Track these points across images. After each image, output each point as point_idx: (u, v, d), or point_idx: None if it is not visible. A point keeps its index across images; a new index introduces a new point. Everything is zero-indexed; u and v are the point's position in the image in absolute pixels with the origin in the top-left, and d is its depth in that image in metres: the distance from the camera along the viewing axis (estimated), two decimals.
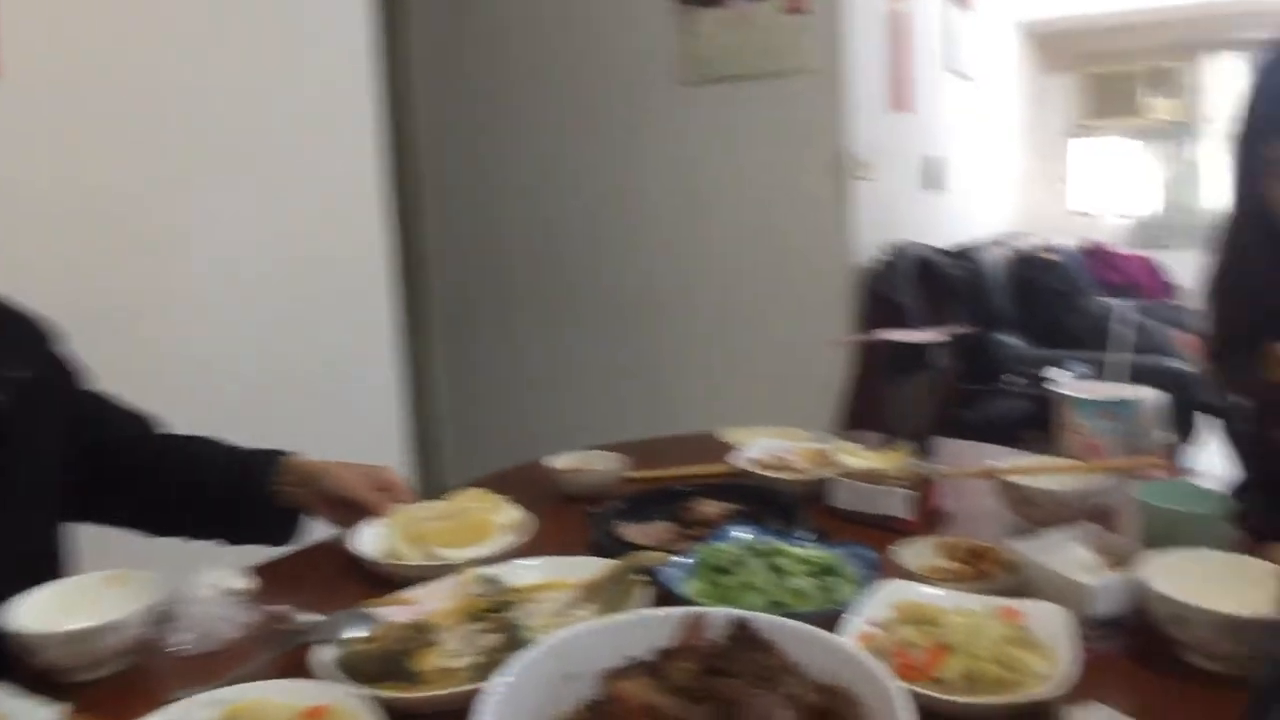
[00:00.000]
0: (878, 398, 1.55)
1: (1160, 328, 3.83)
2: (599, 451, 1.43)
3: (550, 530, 1.17)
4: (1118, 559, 0.95)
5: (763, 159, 2.96)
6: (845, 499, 1.20)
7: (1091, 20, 6.04)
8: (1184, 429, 3.51)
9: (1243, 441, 1.30)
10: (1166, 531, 0.99)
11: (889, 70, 3.30)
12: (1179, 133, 6.34)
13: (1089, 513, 1.10)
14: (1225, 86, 6.11)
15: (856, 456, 1.28)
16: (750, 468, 1.35)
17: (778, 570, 0.93)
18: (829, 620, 0.78)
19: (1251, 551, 0.93)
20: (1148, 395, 1.33)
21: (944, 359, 1.46)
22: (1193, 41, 6.27)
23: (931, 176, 3.82)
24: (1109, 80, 6.70)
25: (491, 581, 0.94)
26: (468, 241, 3.54)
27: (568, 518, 1.24)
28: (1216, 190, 5.98)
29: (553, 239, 3.35)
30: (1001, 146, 5.53)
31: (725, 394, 3.04)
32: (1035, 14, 5.79)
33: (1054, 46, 6.71)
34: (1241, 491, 1.19)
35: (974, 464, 1.28)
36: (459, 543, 1.09)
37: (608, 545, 1.09)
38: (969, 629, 0.81)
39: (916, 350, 1.47)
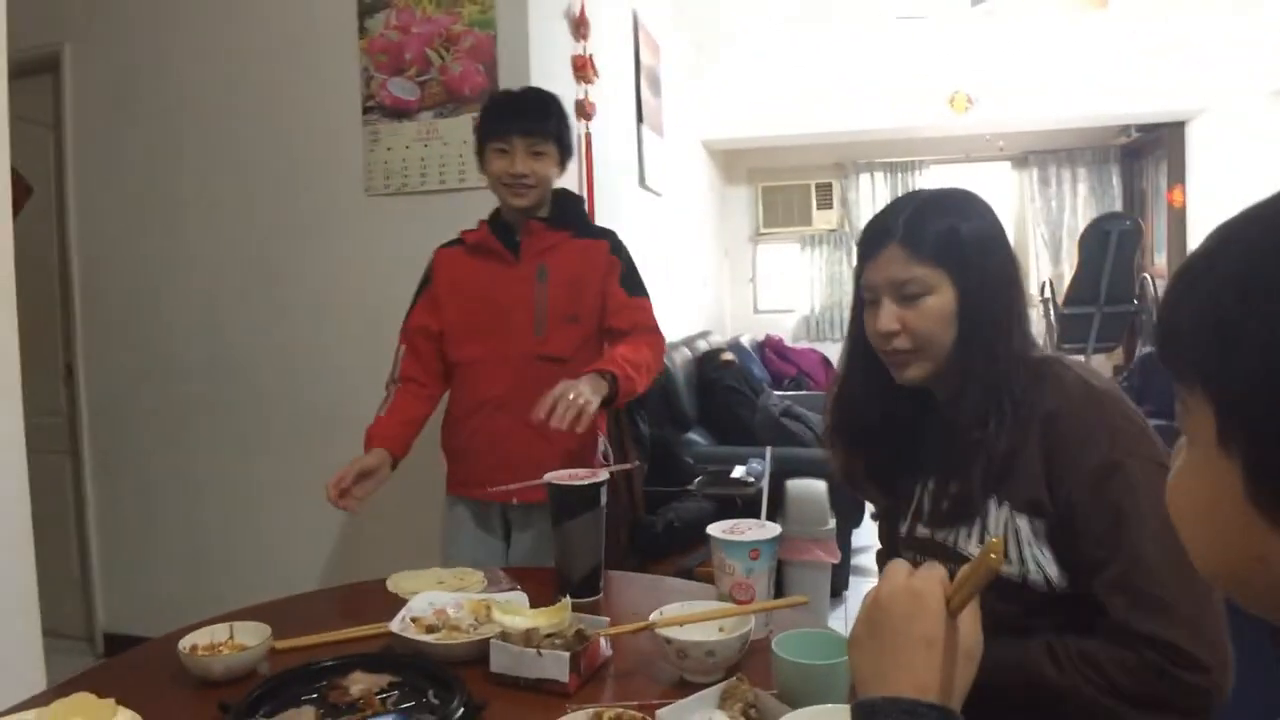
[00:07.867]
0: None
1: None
2: (242, 622, 1.30)
3: None
4: (763, 716, 0.99)
5: None
6: (503, 663, 1.17)
7: (763, 140, 6.74)
8: (853, 511, 3.84)
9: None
10: (802, 685, 1.02)
11: (577, 188, 3.43)
12: (837, 239, 7.51)
13: (738, 663, 1.14)
14: (871, 200, 7.35)
15: (515, 614, 1.25)
16: (404, 630, 1.28)
17: None
18: None
19: None
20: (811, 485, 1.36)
21: (604, 497, 1.48)
22: (845, 162, 7.39)
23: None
24: (782, 192, 7.55)
25: None
26: (132, 354, 3.22)
27: (199, 713, 1.11)
28: None
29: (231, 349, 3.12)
30: (691, 252, 5.92)
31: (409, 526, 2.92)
32: (715, 134, 6.37)
33: (733, 162, 7.44)
34: None
35: (636, 613, 1.26)
36: None
37: None
38: None
39: (581, 491, 1.47)
